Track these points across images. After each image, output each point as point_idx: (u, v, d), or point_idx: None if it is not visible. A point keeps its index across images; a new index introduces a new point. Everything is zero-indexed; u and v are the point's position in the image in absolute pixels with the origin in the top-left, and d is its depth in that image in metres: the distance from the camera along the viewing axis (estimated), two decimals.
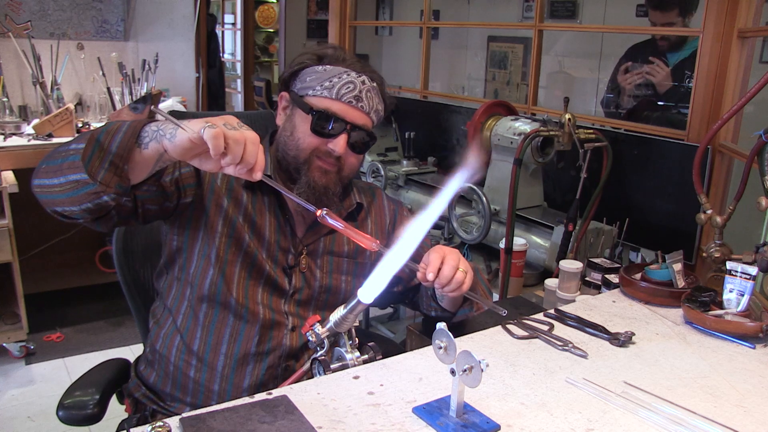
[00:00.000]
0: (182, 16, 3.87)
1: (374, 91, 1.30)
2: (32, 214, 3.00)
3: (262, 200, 1.32)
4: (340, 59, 1.30)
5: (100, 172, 1.00)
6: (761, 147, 1.44)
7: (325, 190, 1.28)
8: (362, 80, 1.28)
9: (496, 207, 2.07)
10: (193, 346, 1.28)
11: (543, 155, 2.06)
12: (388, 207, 1.49)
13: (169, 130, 0.98)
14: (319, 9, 6.30)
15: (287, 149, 1.30)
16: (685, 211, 1.84)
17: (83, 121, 3.17)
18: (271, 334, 1.29)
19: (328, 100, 1.26)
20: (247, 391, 1.28)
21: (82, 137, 1.03)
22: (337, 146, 1.26)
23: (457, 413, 0.95)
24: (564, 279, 1.66)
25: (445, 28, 5.01)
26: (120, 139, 1.00)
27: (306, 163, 1.28)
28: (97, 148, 1.00)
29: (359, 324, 2.74)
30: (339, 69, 1.28)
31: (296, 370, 1.30)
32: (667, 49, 2.60)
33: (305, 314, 1.33)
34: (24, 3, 3.33)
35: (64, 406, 1.33)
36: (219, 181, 1.30)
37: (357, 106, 1.27)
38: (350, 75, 1.28)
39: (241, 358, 1.28)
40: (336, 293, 1.37)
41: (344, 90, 1.26)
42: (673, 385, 1.08)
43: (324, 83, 1.27)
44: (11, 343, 2.80)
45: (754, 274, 1.28)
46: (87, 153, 0.99)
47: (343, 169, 1.31)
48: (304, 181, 1.28)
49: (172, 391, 1.32)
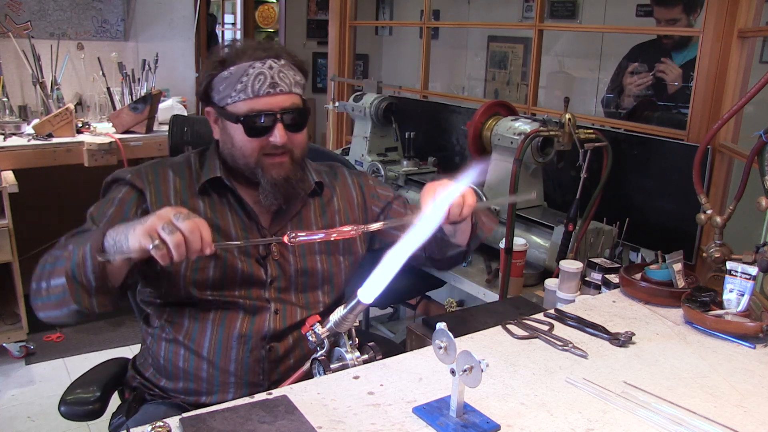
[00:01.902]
0: (182, 16, 3.87)
1: (286, 67, 1.29)
2: (32, 214, 3.02)
3: (220, 201, 1.35)
4: (239, 55, 1.28)
5: (92, 303, 1.13)
6: (761, 147, 1.44)
7: (287, 182, 1.31)
8: (269, 65, 1.27)
9: (496, 207, 2.07)
10: (179, 337, 1.32)
11: (543, 155, 2.06)
12: (353, 182, 1.51)
13: (123, 242, 1.06)
14: (319, 9, 6.30)
15: (236, 159, 1.32)
16: (685, 211, 1.84)
17: (83, 121, 3.17)
18: (254, 318, 1.32)
19: (248, 102, 1.26)
20: (233, 376, 1.31)
21: (56, 266, 1.13)
22: (277, 138, 1.28)
23: (457, 413, 0.95)
24: (564, 279, 1.66)
25: (445, 28, 5.01)
26: (90, 267, 1.09)
27: (258, 165, 1.30)
28: (78, 286, 1.10)
29: (359, 324, 2.75)
30: (243, 66, 1.26)
31: (280, 352, 1.33)
32: (671, 47, 2.60)
33: (288, 298, 1.36)
34: (24, 3, 3.33)
35: (66, 402, 1.37)
36: (173, 200, 1.32)
37: (276, 92, 1.27)
38: (255, 67, 1.26)
39: (225, 341, 1.30)
40: (313, 274, 1.39)
41: (257, 84, 1.26)
42: (673, 385, 1.08)
43: (236, 87, 1.26)
44: (11, 343, 2.80)
45: (754, 274, 1.28)
46: (73, 294, 1.11)
47: (293, 151, 1.32)
48: (265, 183, 1.30)
49: (165, 384, 1.35)
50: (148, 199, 1.30)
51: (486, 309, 1.58)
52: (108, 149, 2.89)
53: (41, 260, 1.20)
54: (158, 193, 1.32)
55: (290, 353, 1.35)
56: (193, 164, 1.38)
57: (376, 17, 5.51)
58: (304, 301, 1.38)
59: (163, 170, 1.36)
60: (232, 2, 7.69)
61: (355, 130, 2.83)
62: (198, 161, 1.38)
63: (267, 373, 1.33)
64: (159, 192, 1.32)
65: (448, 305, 2.67)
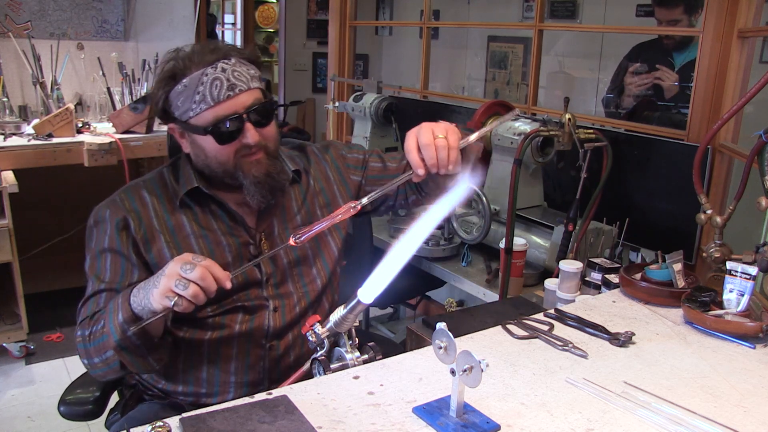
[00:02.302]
0: (182, 16, 3.87)
1: (238, 65, 1.26)
2: (32, 214, 3.02)
3: (202, 211, 1.34)
4: (188, 65, 1.23)
5: (150, 363, 1.20)
6: (761, 147, 1.44)
7: (269, 177, 1.29)
8: (221, 68, 1.23)
9: (496, 207, 2.07)
10: (178, 335, 1.30)
11: (543, 155, 2.06)
12: (324, 158, 1.50)
13: (148, 306, 1.09)
14: (319, 9, 6.30)
15: (213, 169, 1.30)
16: (685, 211, 1.84)
17: (83, 121, 3.17)
18: (253, 318, 1.32)
19: (210, 111, 1.23)
20: (234, 375, 1.31)
21: (101, 342, 1.16)
22: (249, 138, 1.25)
23: (457, 413, 0.95)
24: (564, 279, 1.66)
25: (445, 28, 5.01)
26: (133, 337, 1.12)
27: (236, 168, 1.28)
28: (131, 355, 1.16)
29: (359, 324, 2.75)
30: (196, 75, 1.22)
31: (280, 350, 1.33)
32: (672, 47, 2.60)
33: (285, 292, 1.36)
34: (24, 3, 3.33)
35: (66, 402, 1.37)
36: (155, 222, 1.30)
37: (236, 93, 1.23)
38: (208, 74, 1.22)
39: (225, 341, 1.30)
40: (306, 262, 1.39)
41: (215, 91, 1.22)
42: (673, 385, 1.08)
43: (195, 98, 1.23)
44: (11, 343, 2.80)
45: (754, 274, 1.28)
46: (131, 364, 1.18)
47: (267, 146, 1.30)
48: (248, 183, 1.28)
49: (164, 387, 1.35)
50: (132, 227, 1.28)
51: (486, 309, 1.58)
52: (108, 149, 2.89)
53: (78, 340, 1.21)
54: (139, 218, 1.29)
55: (290, 351, 1.36)
56: (168, 180, 1.35)
57: (376, 17, 5.51)
58: (303, 289, 1.38)
59: (138, 193, 1.33)
60: (232, 2, 7.70)
61: (355, 130, 2.83)
62: (172, 175, 1.36)
63: (267, 371, 1.33)
64: (140, 216, 1.29)
65: (448, 305, 2.68)
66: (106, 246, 1.28)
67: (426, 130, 1.16)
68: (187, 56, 1.25)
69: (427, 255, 2.19)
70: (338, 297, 1.49)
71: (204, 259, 1.08)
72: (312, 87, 6.52)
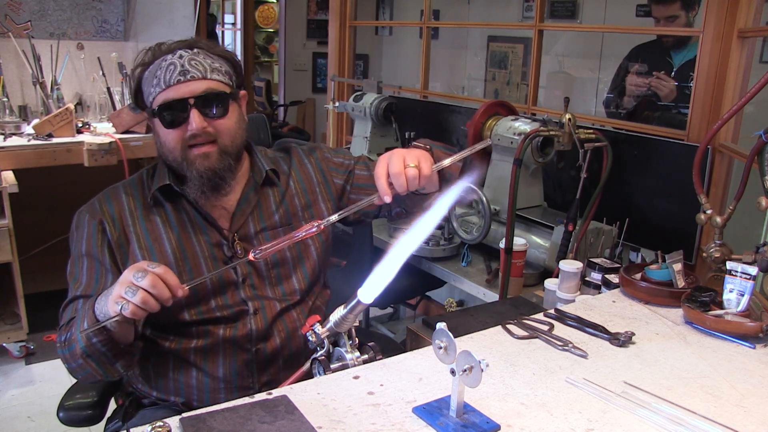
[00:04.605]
0: (182, 16, 3.87)
1: (200, 55, 1.27)
2: (32, 214, 3.02)
3: (175, 210, 1.33)
4: (156, 54, 1.27)
5: (116, 368, 1.21)
6: (761, 147, 1.44)
7: (214, 173, 1.28)
8: (179, 55, 1.25)
9: (496, 207, 2.07)
10: (165, 345, 1.31)
11: (543, 155, 2.06)
12: (309, 160, 1.48)
13: (106, 312, 1.11)
14: (319, 9, 6.30)
15: (166, 158, 1.30)
16: (685, 211, 1.84)
17: (83, 121, 3.17)
18: (236, 324, 1.31)
19: (162, 94, 1.24)
20: (223, 381, 1.30)
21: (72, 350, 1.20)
22: (193, 125, 1.24)
23: (457, 413, 0.95)
24: (564, 279, 1.66)
25: (445, 28, 5.01)
26: (98, 343, 1.15)
27: (184, 159, 1.27)
28: (96, 362, 1.18)
29: (359, 324, 2.75)
30: (158, 62, 1.26)
31: (267, 352, 1.32)
32: (671, 46, 2.59)
33: (264, 294, 1.34)
34: (24, 3, 3.33)
35: (65, 408, 1.36)
36: (129, 221, 1.31)
37: (187, 79, 1.24)
38: (167, 59, 1.25)
39: (211, 348, 1.30)
40: (284, 264, 1.37)
41: (168, 75, 1.24)
42: (673, 385, 1.08)
43: (152, 82, 1.26)
44: (11, 343, 2.80)
45: (754, 274, 1.28)
46: (96, 371, 1.20)
47: (220, 140, 1.28)
48: (192, 177, 1.28)
49: (158, 395, 1.34)
50: (108, 231, 1.29)
51: (486, 309, 1.59)
52: (108, 149, 2.89)
53: (58, 346, 1.25)
54: (113, 219, 1.30)
55: (278, 354, 1.34)
56: (144, 179, 1.36)
57: (376, 17, 5.51)
58: (281, 292, 1.36)
59: (116, 195, 1.33)
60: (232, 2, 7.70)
61: (355, 130, 2.83)
62: (148, 174, 1.36)
63: (257, 375, 1.32)
64: (114, 218, 1.30)
65: (448, 305, 2.68)
66: (84, 251, 1.29)
67: (397, 157, 1.16)
68: (159, 46, 1.28)
69: (427, 255, 2.19)
70: (326, 298, 1.48)
71: (157, 266, 1.08)
72: (312, 87, 6.53)
